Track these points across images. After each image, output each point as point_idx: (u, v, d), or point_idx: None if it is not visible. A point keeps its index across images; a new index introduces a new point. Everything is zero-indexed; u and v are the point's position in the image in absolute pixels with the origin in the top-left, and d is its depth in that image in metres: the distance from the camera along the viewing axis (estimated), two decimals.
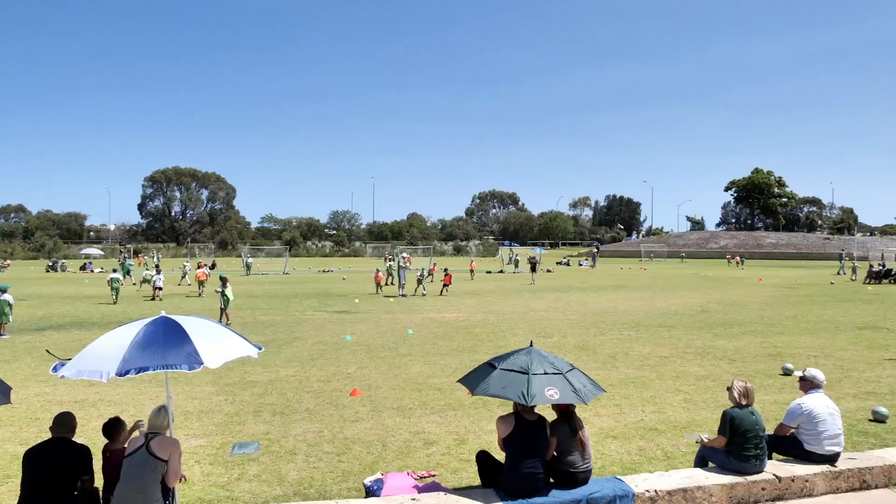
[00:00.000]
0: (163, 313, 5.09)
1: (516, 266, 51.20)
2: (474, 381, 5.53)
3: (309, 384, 10.73)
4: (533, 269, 37.33)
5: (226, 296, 18.65)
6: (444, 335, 16.24)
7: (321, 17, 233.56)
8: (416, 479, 6.12)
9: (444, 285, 26.11)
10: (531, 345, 5.94)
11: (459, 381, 5.83)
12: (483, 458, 5.74)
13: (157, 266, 31.75)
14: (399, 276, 28.32)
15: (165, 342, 4.63)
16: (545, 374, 5.30)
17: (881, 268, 39.11)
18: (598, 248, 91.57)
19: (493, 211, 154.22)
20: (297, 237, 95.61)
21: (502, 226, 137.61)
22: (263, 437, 7.83)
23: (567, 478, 5.45)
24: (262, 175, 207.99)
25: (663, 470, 6.22)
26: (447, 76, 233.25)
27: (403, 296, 26.82)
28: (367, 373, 11.64)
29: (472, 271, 39.96)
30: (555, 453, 5.50)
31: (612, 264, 65.01)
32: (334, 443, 7.62)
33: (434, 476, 6.49)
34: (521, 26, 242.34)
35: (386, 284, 32.15)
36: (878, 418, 8.63)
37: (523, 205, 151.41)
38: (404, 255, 31.63)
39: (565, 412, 5.57)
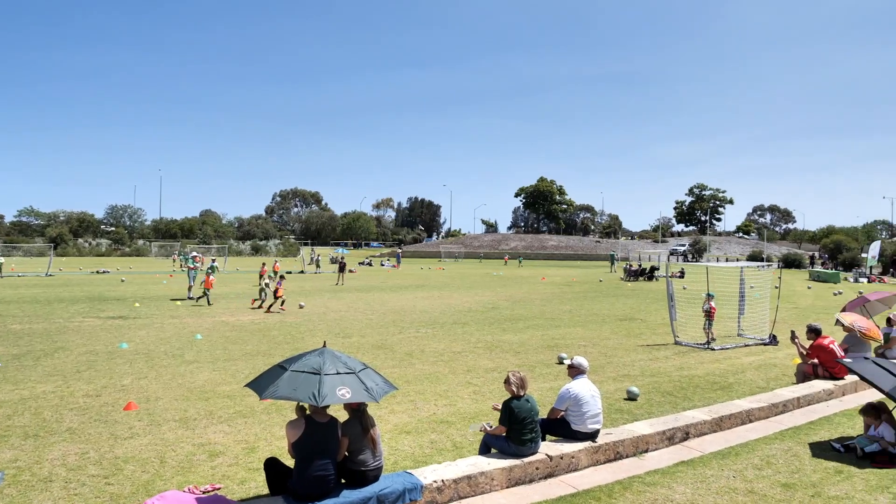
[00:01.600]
0: None
1: (318, 266, 50.38)
2: (263, 384, 5.28)
3: (73, 400, 9.42)
4: (341, 270, 37.19)
5: None
6: (237, 339, 15.36)
7: None
8: (198, 494, 5.66)
9: (275, 297, 22.04)
10: (324, 345, 5.86)
11: (247, 385, 5.53)
12: (271, 465, 5.51)
13: None
14: (189, 278, 26.23)
15: None
16: (337, 373, 5.26)
17: (638, 267, 45.54)
18: (401, 248, 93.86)
19: (295, 210, 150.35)
20: (66, 234, 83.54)
21: (304, 225, 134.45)
22: (10, 465, 6.69)
23: (358, 477, 5.45)
24: (20, 164, 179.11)
25: (451, 460, 6.50)
26: (250, 71, 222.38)
27: (192, 298, 24.89)
28: (145, 384, 10.55)
29: (276, 272, 38.40)
30: (346, 453, 5.47)
31: (414, 264, 67.04)
32: (102, 464, 6.77)
33: (219, 489, 6.08)
34: (328, 25, 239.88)
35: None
36: (631, 397, 9.98)
37: (326, 204, 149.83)
38: (194, 254, 29.30)
39: (357, 411, 5.57)
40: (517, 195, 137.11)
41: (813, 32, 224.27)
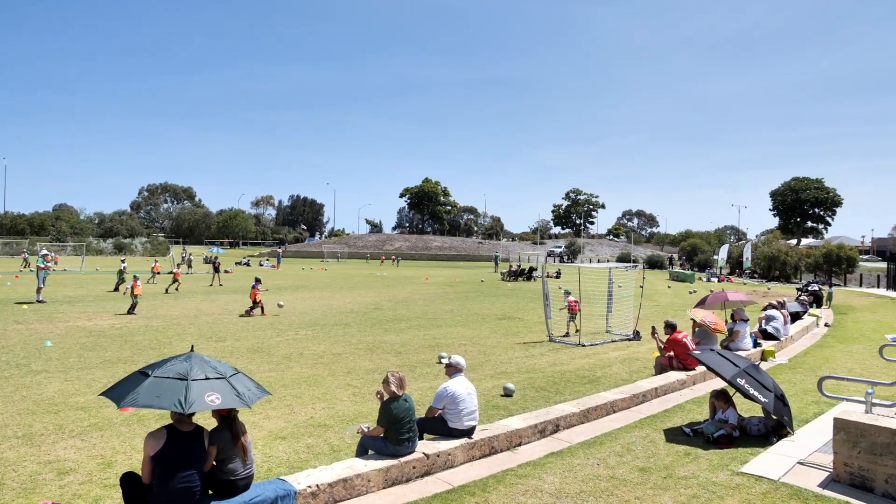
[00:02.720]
0: None
1: (189, 267, 47.61)
2: (122, 391, 4.86)
3: None
4: (216, 270, 35.28)
5: None
6: (95, 345, 14.13)
7: None
8: None
9: (255, 304, 20.42)
10: (192, 349, 5.53)
11: (103, 393, 5.08)
12: (129, 480, 5.10)
13: None
14: (38, 279, 23.76)
15: None
16: (206, 379, 4.96)
17: (517, 267, 47.29)
18: (284, 248, 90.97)
19: (165, 206, 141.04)
20: None
21: (175, 222, 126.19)
22: None
23: (228, 487, 5.18)
24: None
25: (328, 464, 6.38)
26: (116, 58, 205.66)
27: (41, 302, 22.58)
28: None
29: (154, 273, 35.60)
30: (214, 462, 5.20)
31: (295, 265, 65.22)
32: None
33: None
34: (204, 13, 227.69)
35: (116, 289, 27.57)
36: (507, 393, 10.31)
37: (200, 200, 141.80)
38: (44, 252, 26.64)
39: (227, 418, 5.30)
40: (402, 196, 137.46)
41: (672, 53, 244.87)
